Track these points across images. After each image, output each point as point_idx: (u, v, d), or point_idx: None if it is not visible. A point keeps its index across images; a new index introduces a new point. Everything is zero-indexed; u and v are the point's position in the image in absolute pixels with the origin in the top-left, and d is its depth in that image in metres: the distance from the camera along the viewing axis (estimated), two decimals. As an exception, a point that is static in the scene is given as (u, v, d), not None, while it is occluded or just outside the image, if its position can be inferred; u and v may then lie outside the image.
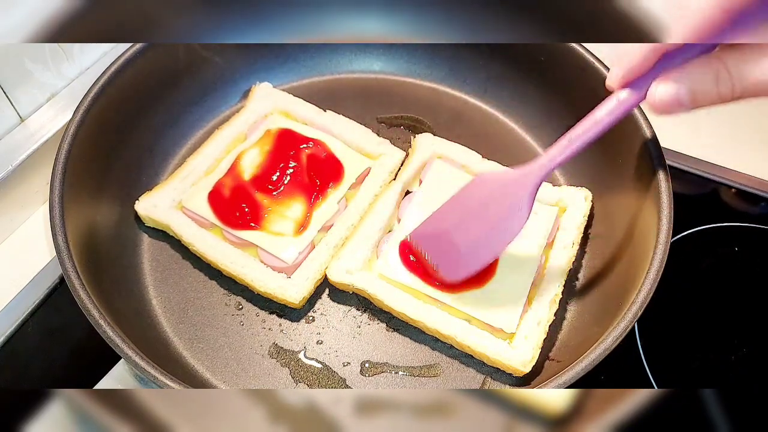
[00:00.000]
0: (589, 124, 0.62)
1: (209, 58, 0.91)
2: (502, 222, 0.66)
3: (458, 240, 0.69)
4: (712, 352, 0.82)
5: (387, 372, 0.75)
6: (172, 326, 0.77)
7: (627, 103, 0.60)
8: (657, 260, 0.69)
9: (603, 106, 0.62)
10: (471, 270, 0.70)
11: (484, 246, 0.68)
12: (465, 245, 0.69)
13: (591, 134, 0.62)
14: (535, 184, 0.65)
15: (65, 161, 0.73)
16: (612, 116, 0.61)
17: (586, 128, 0.62)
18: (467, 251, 0.69)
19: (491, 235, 0.67)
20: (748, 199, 0.95)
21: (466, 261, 0.70)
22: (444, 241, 0.70)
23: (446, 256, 0.71)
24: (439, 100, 0.97)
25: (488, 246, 0.68)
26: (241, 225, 0.78)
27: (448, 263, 0.71)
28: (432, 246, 0.73)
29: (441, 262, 0.72)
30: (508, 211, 0.66)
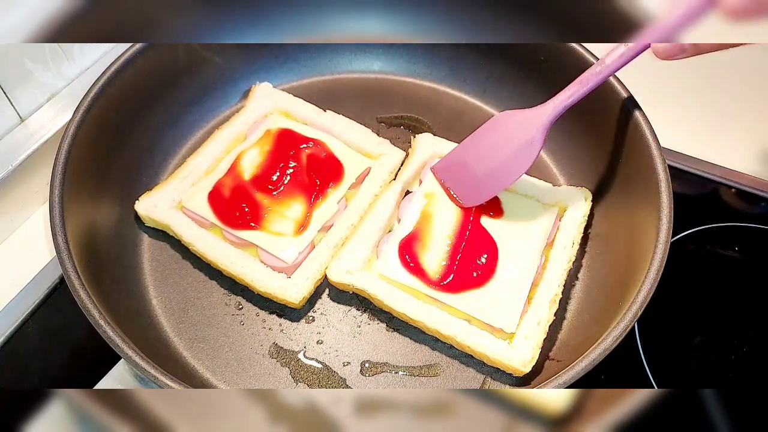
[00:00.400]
0: (598, 69, 0.69)
1: (209, 58, 0.91)
2: (516, 153, 0.73)
3: (477, 169, 0.77)
4: (712, 352, 0.82)
5: (387, 372, 0.75)
6: (172, 326, 0.77)
7: (634, 48, 0.65)
8: (657, 260, 0.69)
9: (613, 51, 0.68)
10: (488, 195, 0.78)
11: (500, 174, 0.75)
12: (483, 173, 0.76)
13: (601, 77, 0.69)
14: (548, 121, 0.71)
15: (65, 161, 0.73)
16: (622, 59, 0.67)
17: (597, 72, 0.69)
18: (485, 179, 0.76)
19: (507, 165, 0.74)
20: (748, 199, 0.95)
21: (483, 187, 0.77)
22: (464, 171, 0.78)
23: (466, 184, 0.79)
24: (439, 100, 0.97)
25: (504, 174, 0.75)
26: (241, 225, 0.78)
27: (467, 190, 0.79)
28: (453, 176, 0.80)
29: (461, 189, 0.80)
30: (522, 144, 0.73)
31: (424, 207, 0.81)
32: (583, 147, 0.88)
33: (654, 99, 0.86)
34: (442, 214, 0.80)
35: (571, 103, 0.71)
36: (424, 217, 0.80)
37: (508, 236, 0.79)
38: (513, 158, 0.74)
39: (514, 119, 0.74)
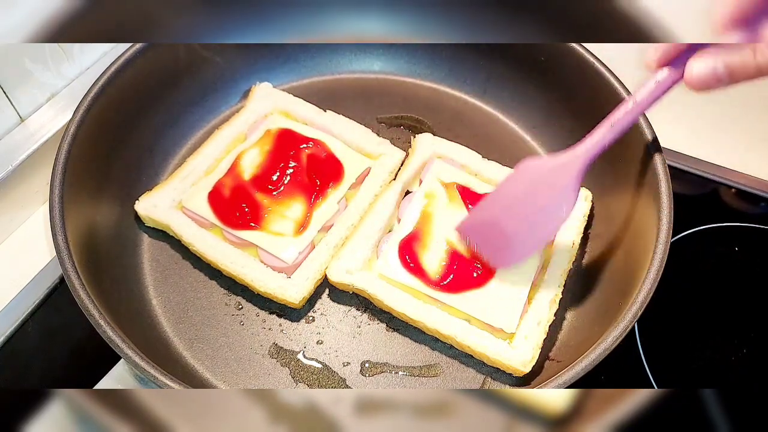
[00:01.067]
0: (630, 106, 0.64)
1: (209, 58, 0.91)
2: (550, 208, 0.67)
3: (507, 228, 0.70)
4: (712, 352, 0.82)
5: (387, 372, 0.75)
6: (172, 326, 0.77)
7: (666, 82, 0.62)
8: (657, 260, 0.69)
9: (643, 88, 0.63)
10: (523, 256, 0.72)
11: (533, 232, 0.69)
12: (514, 233, 0.70)
13: (632, 116, 0.65)
14: (581, 168, 0.66)
15: (65, 161, 0.73)
16: (652, 97, 0.63)
17: (628, 110, 0.65)
18: (517, 239, 0.70)
19: (540, 221, 0.68)
20: (748, 199, 0.95)
21: (516, 248, 0.71)
22: (492, 230, 0.71)
23: (495, 245, 0.72)
24: (439, 100, 0.97)
25: (538, 232, 0.69)
26: (241, 225, 0.78)
27: (497, 252, 0.73)
28: (480, 236, 0.74)
29: (490, 251, 0.73)
30: (556, 196, 0.67)
31: (424, 207, 0.81)
32: (583, 147, 0.88)
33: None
34: (442, 214, 0.80)
35: (605, 145, 0.66)
36: (424, 217, 0.80)
37: (508, 236, 0.79)
38: (548, 212, 0.68)
39: (544, 168, 0.68)
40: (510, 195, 0.71)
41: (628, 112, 0.65)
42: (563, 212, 0.67)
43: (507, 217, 0.70)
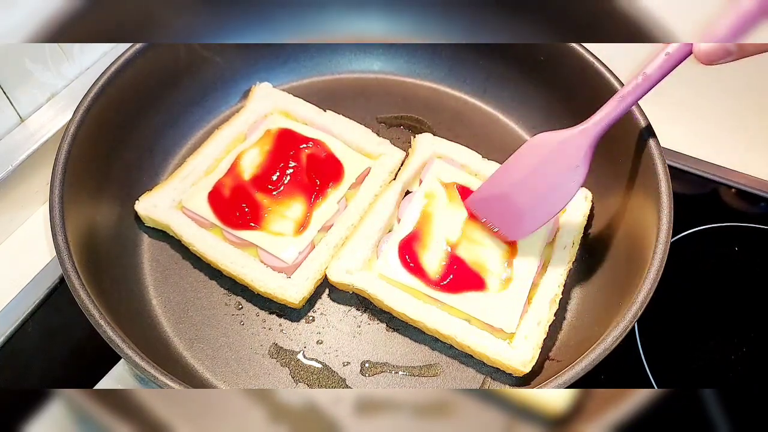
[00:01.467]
0: (639, 80, 0.64)
1: (209, 58, 0.91)
2: (560, 180, 0.68)
3: (519, 200, 0.71)
4: (712, 352, 0.82)
5: (387, 372, 0.75)
6: (172, 326, 0.77)
7: (675, 55, 0.61)
8: (657, 260, 0.69)
9: (653, 62, 0.63)
10: (533, 228, 0.72)
11: (544, 205, 0.70)
12: (526, 205, 0.71)
13: (641, 89, 0.64)
14: (592, 141, 0.66)
15: (65, 161, 0.73)
16: (662, 70, 0.63)
17: (637, 84, 0.64)
18: (528, 210, 0.71)
19: (551, 194, 0.69)
20: (748, 199, 0.95)
21: (528, 220, 0.72)
22: (504, 203, 0.72)
23: (507, 217, 0.73)
24: (439, 100, 0.97)
25: (549, 204, 0.70)
26: (241, 225, 0.78)
27: (509, 224, 0.74)
28: (492, 209, 0.75)
29: (502, 223, 0.74)
30: (566, 168, 0.67)
31: (424, 207, 0.81)
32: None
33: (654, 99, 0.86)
34: (442, 214, 0.80)
35: (615, 118, 0.66)
36: (424, 217, 0.80)
37: (508, 236, 0.79)
38: (558, 185, 0.68)
39: (554, 141, 0.69)
40: (521, 168, 0.72)
41: (638, 86, 0.64)
42: (574, 185, 0.68)
43: (518, 191, 0.71)
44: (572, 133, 0.68)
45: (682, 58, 0.61)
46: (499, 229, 0.75)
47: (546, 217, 0.71)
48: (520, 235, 0.75)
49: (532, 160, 0.71)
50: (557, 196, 0.69)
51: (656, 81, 0.64)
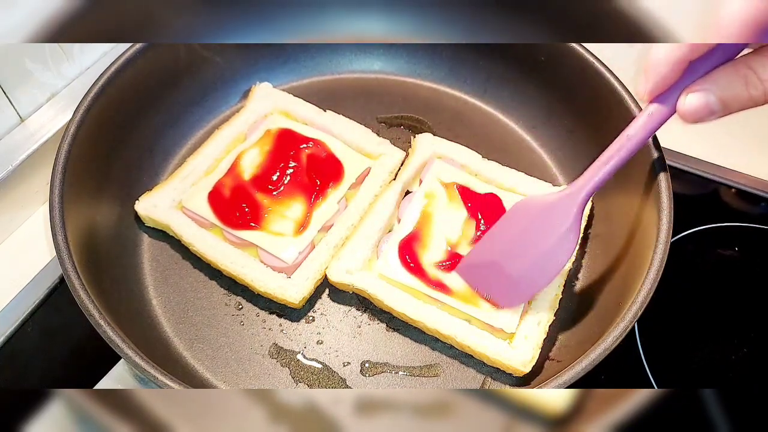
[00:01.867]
0: (623, 140, 0.63)
1: (209, 58, 0.91)
2: (552, 246, 0.66)
3: (509, 269, 0.69)
4: (712, 352, 0.82)
5: (387, 372, 0.75)
6: (172, 326, 0.77)
7: (658, 116, 0.61)
8: (657, 260, 0.69)
9: (635, 123, 0.62)
10: (528, 296, 0.71)
11: (537, 271, 0.68)
12: (517, 273, 0.69)
13: (626, 151, 0.63)
14: (580, 206, 0.65)
15: (65, 161, 0.73)
16: (645, 131, 0.62)
17: (621, 145, 0.63)
18: (521, 278, 0.69)
19: (543, 260, 0.67)
20: (748, 199, 0.95)
21: (521, 288, 0.70)
22: (494, 271, 0.70)
23: (498, 285, 0.71)
24: (439, 100, 0.97)
25: (541, 271, 0.68)
26: (241, 225, 0.78)
27: (501, 292, 0.71)
28: (481, 277, 0.73)
29: (493, 291, 0.72)
30: (555, 233, 0.66)
31: (424, 207, 0.81)
32: (583, 147, 0.88)
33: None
34: (442, 214, 0.80)
35: (600, 181, 0.64)
36: (424, 217, 0.80)
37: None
38: (549, 252, 0.67)
39: (540, 206, 0.68)
40: (509, 235, 0.70)
41: (622, 148, 0.63)
42: (566, 251, 0.66)
43: (508, 258, 0.69)
44: (558, 197, 0.66)
45: (665, 118, 0.61)
46: (491, 297, 0.73)
47: (540, 284, 0.69)
48: (514, 302, 0.72)
49: (519, 225, 0.69)
50: (550, 262, 0.67)
51: (641, 142, 0.63)
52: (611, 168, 0.64)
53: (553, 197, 0.67)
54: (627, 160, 0.64)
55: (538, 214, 0.68)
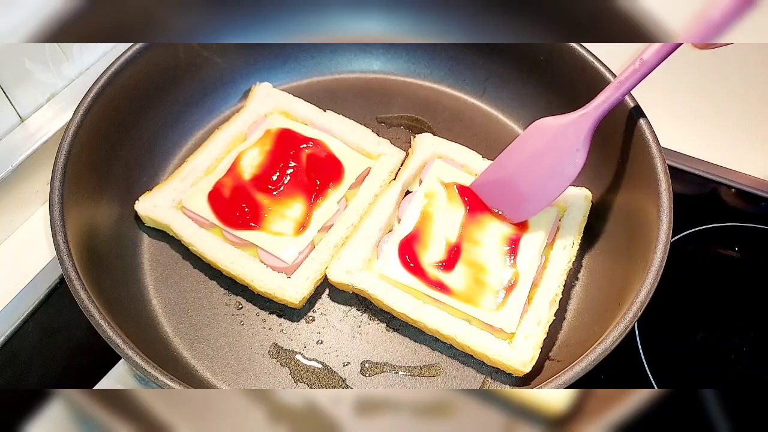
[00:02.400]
0: (637, 65, 0.65)
1: (209, 58, 0.91)
2: (561, 163, 0.70)
3: (520, 184, 0.73)
4: (712, 352, 0.82)
5: (387, 372, 0.75)
6: (172, 326, 0.77)
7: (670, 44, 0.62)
8: (657, 260, 0.69)
9: (650, 48, 0.64)
10: (536, 211, 0.75)
11: (545, 187, 0.72)
12: (527, 188, 0.73)
13: (639, 74, 0.65)
14: (591, 125, 0.68)
15: (65, 161, 0.73)
16: (658, 56, 0.64)
17: (635, 69, 0.65)
18: (530, 194, 0.73)
19: (551, 177, 0.71)
20: (748, 199, 0.95)
21: (529, 203, 0.74)
22: (506, 187, 0.75)
23: (509, 201, 0.76)
24: (439, 100, 0.97)
25: (549, 187, 0.72)
26: (241, 225, 0.78)
27: (511, 207, 0.76)
28: (494, 193, 0.77)
29: (504, 206, 0.76)
30: (566, 152, 0.69)
31: (424, 207, 0.81)
32: (583, 147, 0.88)
33: (654, 99, 0.86)
34: (442, 213, 0.80)
35: (614, 103, 0.68)
36: (424, 217, 0.80)
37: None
38: (559, 168, 0.70)
39: (555, 126, 0.71)
40: (522, 153, 0.74)
41: (636, 71, 0.65)
42: (574, 168, 0.69)
43: (520, 175, 0.73)
44: (573, 118, 0.69)
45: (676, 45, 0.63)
46: (502, 212, 0.77)
47: (548, 199, 0.73)
48: (522, 216, 0.77)
49: (534, 144, 0.72)
50: (558, 178, 0.71)
51: (653, 66, 0.65)
52: (624, 90, 0.66)
53: (568, 118, 0.69)
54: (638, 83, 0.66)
55: (553, 133, 0.70)
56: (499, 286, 0.75)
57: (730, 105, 1.06)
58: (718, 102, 1.07)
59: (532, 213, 0.76)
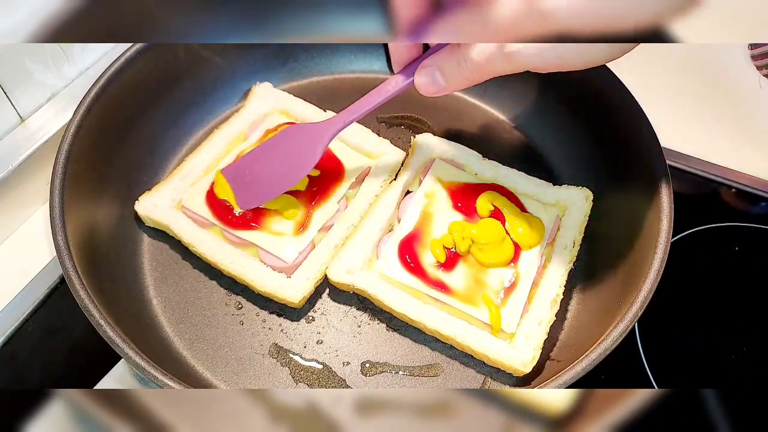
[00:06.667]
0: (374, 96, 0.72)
1: (209, 58, 0.91)
2: (297, 163, 0.76)
3: (260, 176, 0.79)
4: (712, 352, 0.82)
5: (387, 372, 0.75)
6: (172, 326, 0.77)
7: (402, 83, 0.69)
8: (657, 260, 0.69)
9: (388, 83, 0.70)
10: (262, 201, 0.79)
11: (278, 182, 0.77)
12: (263, 180, 0.78)
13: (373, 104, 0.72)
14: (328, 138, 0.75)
15: (65, 161, 0.73)
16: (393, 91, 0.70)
17: (371, 100, 0.72)
18: (264, 185, 0.78)
19: (286, 174, 0.77)
20: (748, 199, 0.95)
21: (260, 193, 0.78)
22: (249, 175, 0.79)
23: (245, 188, 0.79)
24: (439, 100, 0.96)
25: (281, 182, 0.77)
26: (241, 225, 0.78)
27: (245, 194, 0.79)
28: (238, 178, 0.80)
29: (240, 192, 0.79)
30: (304, 155, 0.76)
31: (425, 207, 0.81)
32: (583, 147, 0.88)
33: (654, 99, 0.86)
34: (443, 213, 0.80)
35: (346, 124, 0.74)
36: (424, 216, 0.80)
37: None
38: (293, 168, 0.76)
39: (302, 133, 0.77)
40: (269, 148, 0.79)
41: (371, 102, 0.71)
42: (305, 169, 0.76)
43: (263, 167, 0.79)
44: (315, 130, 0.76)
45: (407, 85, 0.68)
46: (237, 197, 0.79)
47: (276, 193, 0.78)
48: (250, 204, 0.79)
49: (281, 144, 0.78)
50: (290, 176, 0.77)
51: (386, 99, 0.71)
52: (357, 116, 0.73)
53: (312, 128, 0.76)
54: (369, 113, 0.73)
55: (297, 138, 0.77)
56: (499, 287, 0.75)
57: (730, 105, 1.06)
58: (719, 102, 1.07)
59: (259, 203, 0.79)
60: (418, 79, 0.65)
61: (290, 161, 0.76)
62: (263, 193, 0.78)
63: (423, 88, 0.66)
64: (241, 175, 0.80)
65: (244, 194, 0.79)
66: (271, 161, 0.78)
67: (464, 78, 0.62)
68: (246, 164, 0.80)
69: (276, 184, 0.77)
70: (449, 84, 0.64)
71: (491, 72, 0.59)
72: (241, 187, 0.79)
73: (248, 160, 0.80)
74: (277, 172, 0.77)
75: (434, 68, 0.64)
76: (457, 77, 0.62)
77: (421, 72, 0.65)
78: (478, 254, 0.76)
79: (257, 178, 0.78)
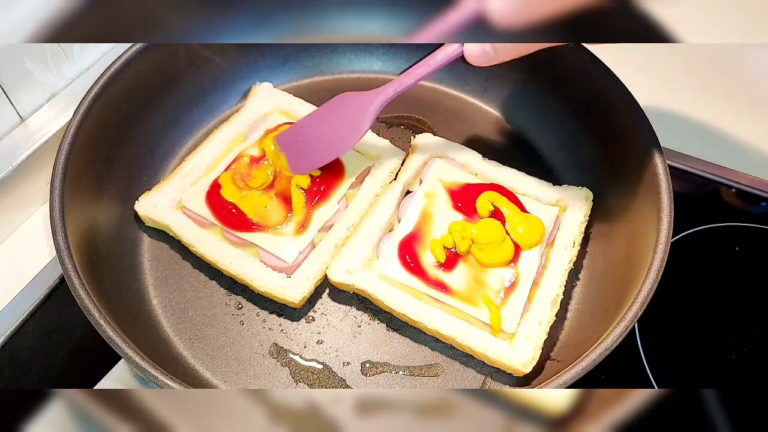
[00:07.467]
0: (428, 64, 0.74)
1: (209, 58, 0.91)
2: (348, 130, 0.78)
3: (311, 141, 0.81)
4: (712, 352, 0.82)
5: (387, 372, 0.75)
6: (172, 326, 0.77)
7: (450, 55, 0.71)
8: (657, 260, 0.69)
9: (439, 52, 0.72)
10: (314, 166, 0.80)
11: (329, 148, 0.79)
12: (315, 145, 0.80)
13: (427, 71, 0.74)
14: (380, 104, 0.76)
15: (65, 161, 0.73)
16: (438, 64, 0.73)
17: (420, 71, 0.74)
18: (315, 151, 0.80)
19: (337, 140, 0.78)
20: (748, 199, 0.95)
21: (311, 158, 0.80)
22: (300, 140, 0.81)
23: (297, 153, 0.81)
24: (439, 100, 0.97)
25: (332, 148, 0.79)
26: (241, 225, 0.78)
27: (297, 159, 0.81)
28: (289, 144, 0.82)
29: (292, 157, 0.81)
30: (355, 122, 0.77)
31: (425, 207, 0.81)
32: (583, 147, 0.88)
33: (654, 99, 0.86)
34: (443, 213, 0.80)
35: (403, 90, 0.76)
36: (424, 216, 0.80)
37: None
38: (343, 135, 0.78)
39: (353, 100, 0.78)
40: (322, 117, 0.81)
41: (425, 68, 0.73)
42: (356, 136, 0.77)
43: (314, 134, 0.81)
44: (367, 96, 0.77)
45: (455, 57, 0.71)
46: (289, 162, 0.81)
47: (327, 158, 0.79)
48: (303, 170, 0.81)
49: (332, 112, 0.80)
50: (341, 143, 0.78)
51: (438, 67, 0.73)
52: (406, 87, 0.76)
53: (364, 94, 0.78)
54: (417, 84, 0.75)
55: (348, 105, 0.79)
56: (499, 287, 0.75)
57: (730, 105, 1.06)
58: (719, 102, 1.07)
59: (311, 168, 0.81)
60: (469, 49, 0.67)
61: (342, 128, 0.78)
62: (315, 158, 0.80)
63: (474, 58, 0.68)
64: (294, 141, 0.81)
65: (296, 159, 0.81)
66: (322, 127, 0.80)
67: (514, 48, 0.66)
68: (299, 130, 0.82)
69: (327, 149, 0.79)
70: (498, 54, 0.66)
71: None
72: (294, 153, 0.81)
73: (301, 126, 0.82)
74: (329, 138, 0.79)
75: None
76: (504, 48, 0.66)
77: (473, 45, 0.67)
78: (478, 254, 0.76)
79: (309, 143, 0.80)
